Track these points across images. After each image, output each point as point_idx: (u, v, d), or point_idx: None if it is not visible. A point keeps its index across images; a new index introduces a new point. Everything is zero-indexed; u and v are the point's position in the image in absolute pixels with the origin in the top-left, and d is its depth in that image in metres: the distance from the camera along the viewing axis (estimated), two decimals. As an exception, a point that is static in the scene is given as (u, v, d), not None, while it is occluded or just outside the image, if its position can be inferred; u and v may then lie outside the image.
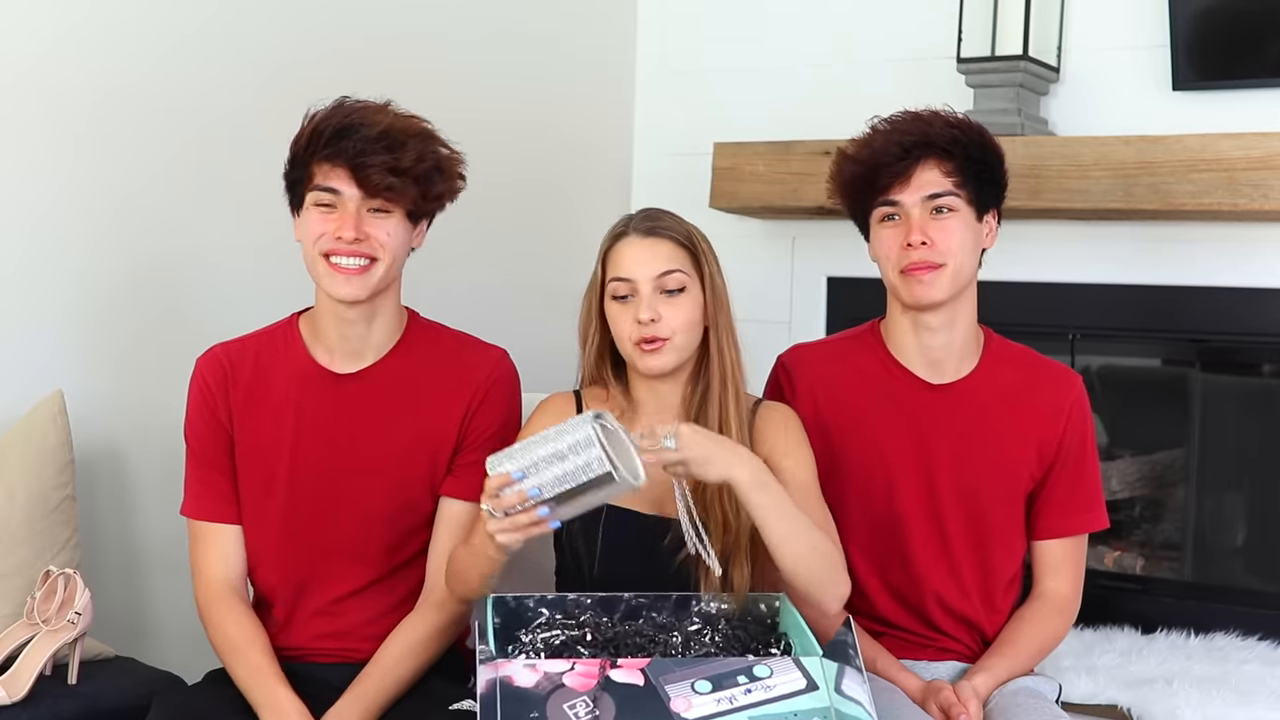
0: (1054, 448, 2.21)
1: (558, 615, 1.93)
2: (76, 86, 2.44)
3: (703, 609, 1.97)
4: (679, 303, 2.00)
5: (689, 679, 1.76)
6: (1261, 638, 2.73)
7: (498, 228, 3.15)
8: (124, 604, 2.55)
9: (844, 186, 2.22)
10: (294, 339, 2.15)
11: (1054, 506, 2.22)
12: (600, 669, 1.74)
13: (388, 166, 1.99)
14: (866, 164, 2.16)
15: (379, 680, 2.03)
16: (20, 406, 2.32)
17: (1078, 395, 2.24)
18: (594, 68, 3.47)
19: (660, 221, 2.04)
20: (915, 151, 2.13)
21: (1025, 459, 2.20)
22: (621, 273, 2.01)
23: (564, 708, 1.70)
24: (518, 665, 1.75)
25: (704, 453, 1.86)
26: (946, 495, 2.19)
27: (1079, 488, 2.23)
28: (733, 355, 2.05)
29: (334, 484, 2.10)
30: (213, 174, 2.64)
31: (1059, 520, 2.23)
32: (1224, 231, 2.81)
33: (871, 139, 2.18)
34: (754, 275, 3.02)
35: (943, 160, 2.13)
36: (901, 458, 2.19)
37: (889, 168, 2.13)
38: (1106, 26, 2.98)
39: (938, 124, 2.16)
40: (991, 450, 2.19)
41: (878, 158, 2.14)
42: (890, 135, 2.16)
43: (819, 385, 2.24)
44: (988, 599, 2.23)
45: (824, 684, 1.76)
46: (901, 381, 2.22)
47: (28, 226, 2.41)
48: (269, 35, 2.72)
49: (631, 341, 2.00)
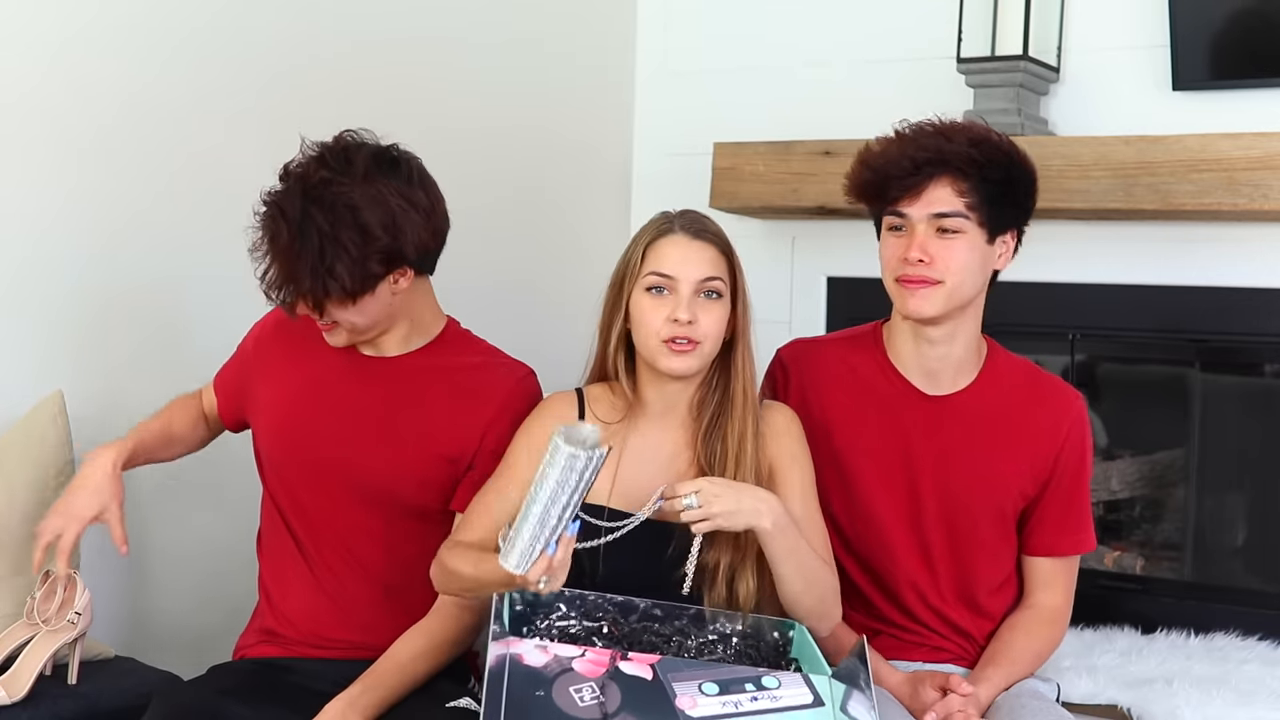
0: (1049, 466, 2.19)
1: (573, 612, 1.94)
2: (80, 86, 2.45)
3: (717, 626, 1.97)
4: (713, 309, 2.00)
5: (697, 680, 1.78)
6: (1261, 638, 2.73)
7: (497, 227, 3.15)
8: (124, 604, 2.55)
9: (856, 189, 2.20)
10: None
11: (1046, 526, 2.21)
12: (611, 659, 1.76)
13: (335, 302, 2.05)
14: (879, 172, 2.13)
15: (395, 675, 2.05)
16: (20, 406, 2.32)
17: (1077, 414, 2.22)
18: (594, 68, 3.47)
19: (706, 226, 2.05)
20: (927, 168, 2.09)
21: (1017, 475, 2.19)
22: (664, 269, 2.01)
23: (570, 690, 1.72)
24: (529, 645, 1.77)
25: (729, 506, 1.90)
26: (929, 505, 2.18)
27: (1071, 509, 2.22)
28: (751, 369, 2.06)
29: (336, 460, 2.14)
30: (213, 177, 2.64)
31: (1050, 539, 2.22)
32: (1224, 231, 2.81)
33: (889, 147, 2.14)
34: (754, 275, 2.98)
35: (957, 179, 2.09)
36: (886, 464, 2.18)
37: (900, 180, 2.10)
38: (1106, 26, 2.98)
39: (959, 140, 2.11)
40: (981, 465, 2.18)
41: (890, 168, 2.11)
42: (906, 147, 2.12)
43: (812, 382, 2.23)
44: (971, 603, 2.22)
45: (830, 702, 1.77)
46: (896, 388, 2.21)
47: (28, 228, 2.41)
48: (269, 46, 2.72)
49: (660, 338, 1.99)
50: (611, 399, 2.08)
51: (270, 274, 2.05)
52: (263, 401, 2.24)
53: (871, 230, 2.23)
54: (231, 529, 2.49)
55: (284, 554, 2.20)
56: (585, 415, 2.07)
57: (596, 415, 2.06)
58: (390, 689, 2.03)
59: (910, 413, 2.19)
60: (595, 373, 2.12)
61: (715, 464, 2.02)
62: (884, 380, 2.22)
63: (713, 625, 1.97)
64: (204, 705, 2.00)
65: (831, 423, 2.20)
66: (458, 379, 2.17)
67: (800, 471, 2.08)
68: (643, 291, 2.02)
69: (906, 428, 2.19)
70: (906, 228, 2.12)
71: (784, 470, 2.08)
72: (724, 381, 2.05)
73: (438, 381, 2.16)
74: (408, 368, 2.18)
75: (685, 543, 1.97)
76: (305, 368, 2.21)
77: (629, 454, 2.05)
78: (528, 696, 1.70)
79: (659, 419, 2.06)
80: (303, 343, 2.22)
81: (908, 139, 2.13)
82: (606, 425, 2.05)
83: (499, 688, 1.70)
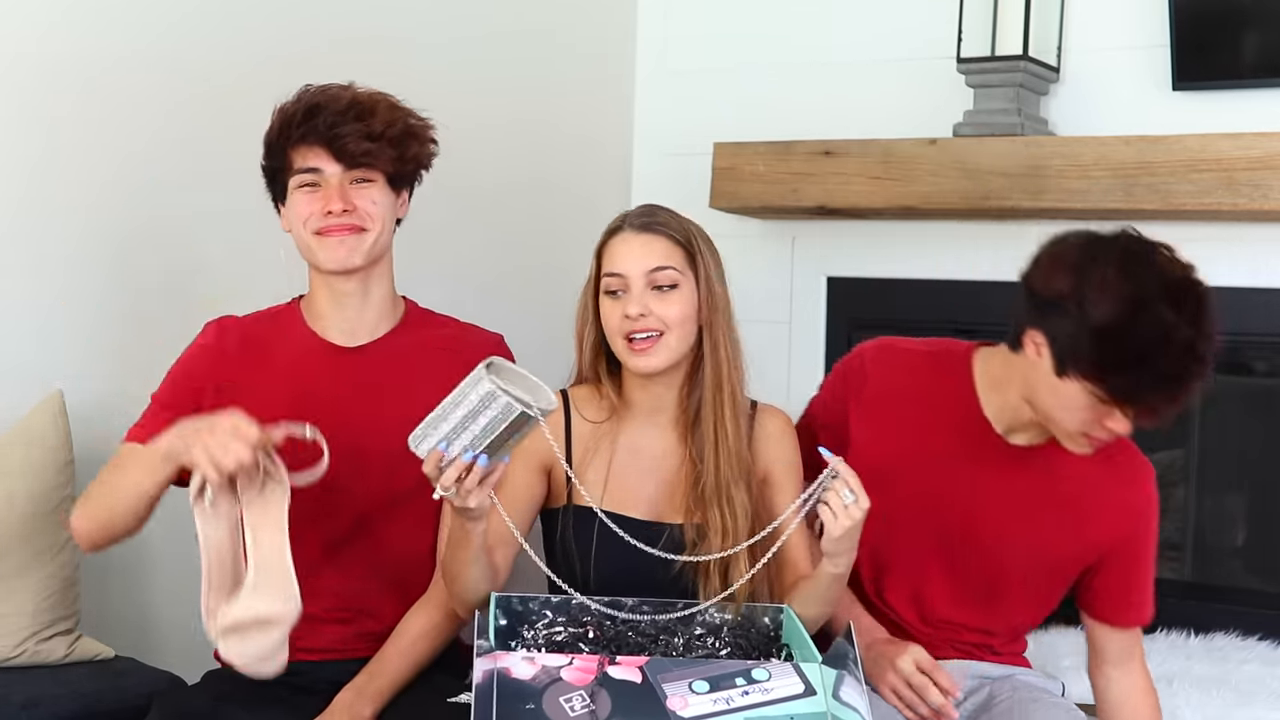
0: (1114, 541, 2.12)
1: (560, 617, 1.93)
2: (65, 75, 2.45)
3: (706, 619, 1.97)
4: (670, 299, 1.98)
5: (687, 679, 1.76)
6: (1261, 638, 2.73)
7: (497, 226, 3.15)
8: (124, 604, 2.55)
9: None
10: (295, 316, 2.19)
11: (1109, 596, 2.15)
12: (598, 665, 1.75)
13: (361, 134, 2.05)
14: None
15: (399, 659, 2.05)
16: (20, 406, 2.32)
17: (1149, 493, 2.14)
18: (593, 68, 3.47)
19: (656, 218, 2.03)
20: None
21: (1078, 536, 2.11)
22: (614, 268, 2.00)
23: (560, 701, 1.70)
24: (516, 658, 1.75)
25: (851, 544, 1.88)
26: (973, 552, 2.13)
27: (1133, 583, 2.15)
28: (728, 357, 2.02)
29: (335, 456, 2.10)
30: (214, 175, 2.64)
31: (1110, 610, 2.16)
32: (1224, 231, 2.81)
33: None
34: (754, 275, 3.02)
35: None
36: (948, 503, 2.11)
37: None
38: (1106, 26, 2.98)
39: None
40: (1043, 526, 2.10)
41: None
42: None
43: (891, 389, 2.16)
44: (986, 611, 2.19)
45: (822, 690, 1.76)
46: (977, 431, 2.11)
47: (28, 228, 2.41)
48: (263, 29, 2.71)
49: (621, 336, 1.98)
50: (598, 400, 2.07)
51: (302, 109, 2.06)
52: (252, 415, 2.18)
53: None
54: (231, 529, 2.49)
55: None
56: (572, 417, 2.06)
57: (584, 416, 2.06)
58: (397, 673, 2.04)
59: (990, 460, 2.10)
60: (578, 379, 2.11)
61: (703, 455, 2.00)
62: (965, 419, 2.12)
63: (701, 617, 1.96)
64: (204, 710, 2.00)
65: (890, 436, 2.13)
66: (436, 353, 2.14)
67: (796, 480, 2.07)
68: (604, 296, 2.01)
69: (983, 471, 2.10)
70: None
71: (779, 478, 2.07)
72: (701, 373, 2.03)
73: (419, 359, 2.14)
74: (387, 351, 2.16)
75: (675, 546, 1.97)
76: (277, 371, 2.13)
77: (619, 455, 2.04)
78: (517, 711, 1.68)
79: (649, 419, 2.06)
80: (264, 350, 2.15)
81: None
82: (595, 425, 2.05)
83: (488, 705, 1.69)
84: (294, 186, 2.10)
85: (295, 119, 2.07)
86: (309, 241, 2.10)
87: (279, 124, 2.10)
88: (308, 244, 2.10)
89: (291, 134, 2.07)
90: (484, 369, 1.73)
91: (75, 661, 2.24)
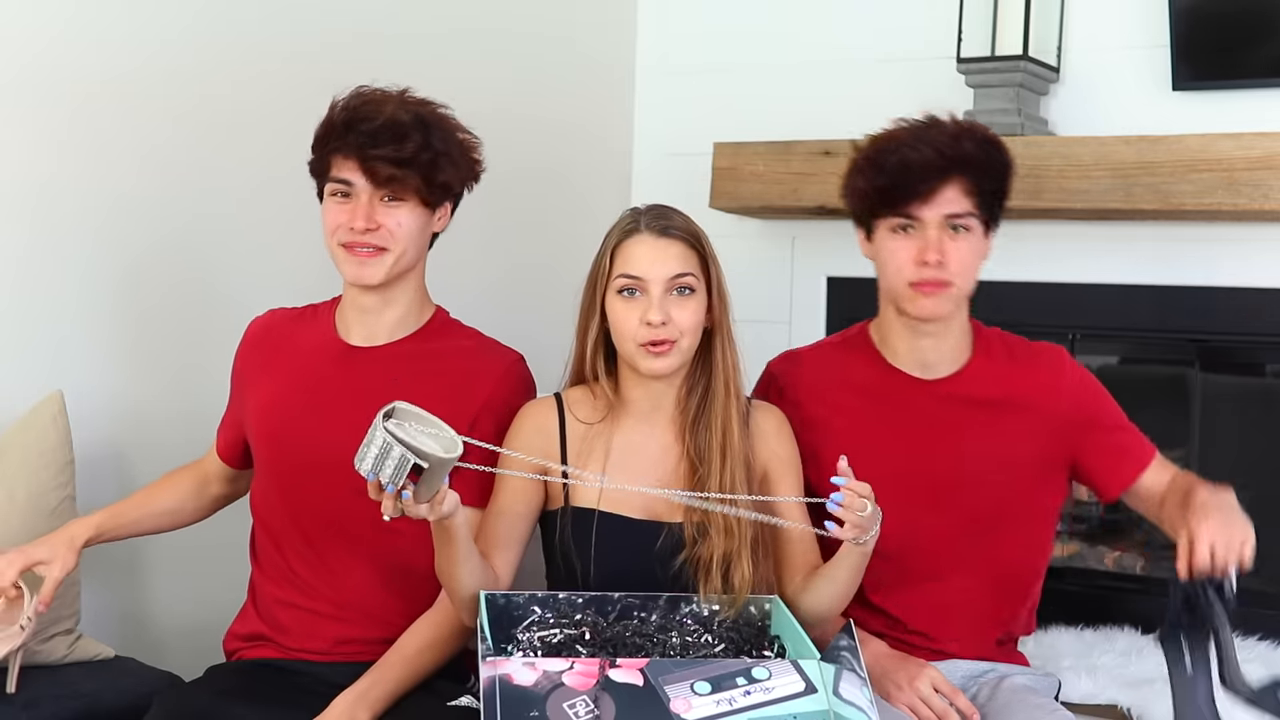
0: (1065, 421, 2.18)
1: (549, 614, 1.93)
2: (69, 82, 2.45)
3: (695, 610, 1.97)
4: (688, 305, 2.00)
5: (688, 680, 1.76)
6: (1261, 638, 2.73)
7: (497, 226, 3.14)
8: (124, 604, 2.55)
9: (859, 192, 2.16)
10: (328, 315, 2.25)
11: (1113, 461, 2.21)
12: (600, 668, 1.74)
13: (390, 159, 2.07)
14: (892, 176, 2.10)
15: (402, 668, 2.05)
16: (20, 406, 2.32)
17: (1068, 367, 2.24)
18: (593, 68, 3.47)
19: (672, 221, 2.04)
20: (947, 170, 2.08)
21: (1032, 439, 2.17)
22: (632, 270, 2.00)
23: (564, 707, 1.70)
24: (516, 663, 1.75)
25: (875, 524, 1.89)
26: (948, 488, 2.16)
27: (1120, 439, 2.22)
28: (733, 358, 2.05)
29: (327, 452, 2.09)
30: (213, 175, 2.64)
31: (1127, 468, 2.21)
32: (1224, 231, 2.81)
33: (897, 147, 2.11)
34: (754, 275, 3.02)
35: (968, 180, 2.10)
36: (899, 456, 2.16)
37: (914, 186, 2.08)
38: (1106, 26, 2.98)
39: (968, 143, 2.12)
40: (993, 436, 2.17)
41: (907, 173, 2.09)
42: (919, 149, 2.09)
43: (807, 389, 2.23)
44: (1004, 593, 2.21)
45: (822, 687, 1.77)
46: (896, 381, 2.21)
47: (28, 227, 2.41)
48: (265, 34, 2.71)
49: (637, 342, 1.99)
50: (592, 401, 2.08)
51: (343, 120, 2.09)
52: (250, 407, 2.23)
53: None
54: (232, 528, 2.49)
55: (279, 556, 2.18)
56: (566, 420, 2.06)
57: (578, 418, 2.06)
58: (398, 681, 2.03)
59: (915, 400, 2.19)
60: (574, 376, 2.11)
61: (703, 456, 2.01)
62: (883, 376, 2.21)
63: (689, 608, 1.96)
64: (205, 707, 2.00)
65: (833, 424, 2.18)
66: (447, 365, 2.15)
67: (794, 476, 2.10)
68: (615, 294, 2.01)
69: (914, 414, 2.18)
70: (917, 229, 2.11)
71: (777, 475, 2.09)
72: (707, 374, 2.05)
73: (427, 368, 2.15)
74: (397, 354, 2.17)
75: (674, 545, 1.97)
76: (291, 365, 2.20)
77: (615, 454, 2.04)
78: (522, 718, 1.69)
79: (645, 417, 2.06)
80: (285, 344, 2.23)
81: (916, 140, 2.11)
82: (589, 426, 2.05)
83: (493, 712, 1.69)
84: (328, 193, 2.15)
85: (335, 129, 2.11)
86: (335, 252, 2.14)
87: (325, 127, 2.14)
88: (334, 253, 2.15)
89: (331, 141, 2.12)
90: (381, 418, 1.73)
91: (75, 661, 2.24)
